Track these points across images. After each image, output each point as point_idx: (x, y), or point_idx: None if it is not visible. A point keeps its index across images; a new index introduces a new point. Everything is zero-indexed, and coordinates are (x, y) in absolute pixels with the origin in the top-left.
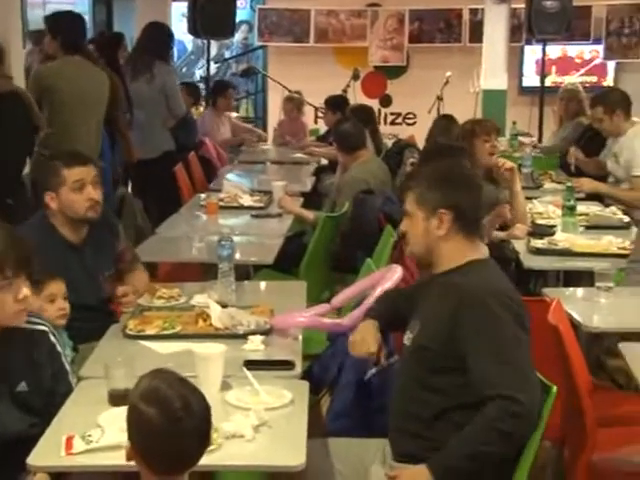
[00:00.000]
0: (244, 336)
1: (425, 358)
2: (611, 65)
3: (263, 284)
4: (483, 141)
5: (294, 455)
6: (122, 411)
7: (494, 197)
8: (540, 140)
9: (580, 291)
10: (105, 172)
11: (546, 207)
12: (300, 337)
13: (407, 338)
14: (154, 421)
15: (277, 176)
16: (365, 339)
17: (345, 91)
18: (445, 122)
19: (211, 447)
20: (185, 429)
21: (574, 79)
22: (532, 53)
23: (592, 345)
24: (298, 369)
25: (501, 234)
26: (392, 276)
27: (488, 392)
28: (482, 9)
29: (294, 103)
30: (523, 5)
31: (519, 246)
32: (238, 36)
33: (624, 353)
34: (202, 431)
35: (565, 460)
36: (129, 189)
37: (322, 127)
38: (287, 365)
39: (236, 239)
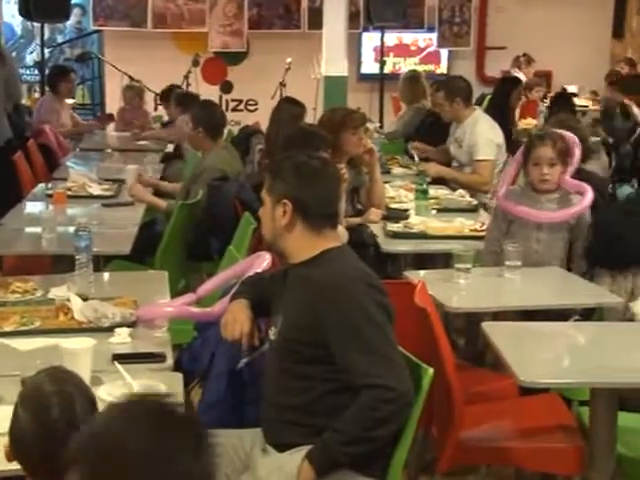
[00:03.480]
0: (109, 329)
1: (293, 351)
2: (444, 53)
3: (121, 275)
4: (351, 133)
5: None
6: None
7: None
8: (382, 126)
9: (439, 273)
10: None
11: (397, 191)
12: (165, 328)
13: (272, 333)
14: (28, 429)
15: (121, 164)
16: (237, 319)
17: (186, 77)
18: (292, 107)
19: None
20: (62, 438)
21: (410, 67)
22: (369, 40)
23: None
24: (169, 361)
25: (357, 219)
26: (261, 263)
27: (360, 381)
28: None
29: (135, 91)
30: None
31: (377, 230)
32: (71, 20)
33: (488, 332)
34: None
35: (433, 439)
36: None
37: (164, 114)
38: (158, 357)
39: None
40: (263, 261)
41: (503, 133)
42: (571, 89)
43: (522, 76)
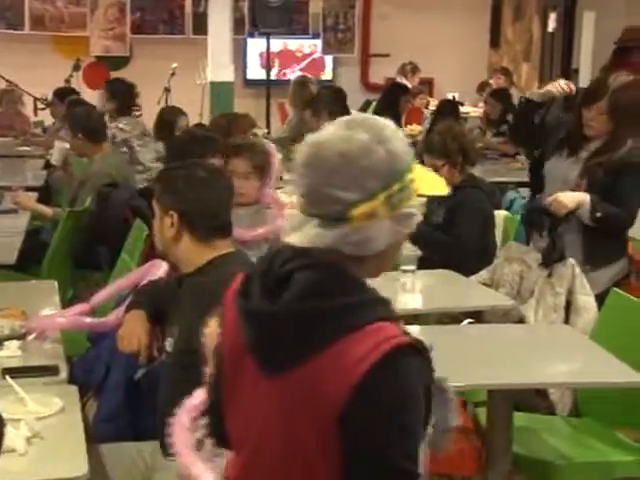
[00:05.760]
0: None
1: (190, 362)
2: (329, 59)
3: (7, 285)
4: (240, 139)
5: (74, 465)
6: None
7: None
8: (269, 132)
9: None
10: None
11: (291, 197)
12: (55, 339)
13: (169, 344)
14: None
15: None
16: (134, 331)
17: (68, 81)
18: (172, 115)
19: None
20: None
21: (296, 73)
22: (254, 46)
23: None
24: (63, 374)
25: None
26: (157, 271)
27: None
28: (205, 1)
29: (15, 95)
30: None
31: None
32: None
33: None
34: None
35: None
36: None
37: (45, 119)
38: (51, 370)
39: None
40: (159, 269)
41: None
42: (450, 97)
43: (408, 84)
